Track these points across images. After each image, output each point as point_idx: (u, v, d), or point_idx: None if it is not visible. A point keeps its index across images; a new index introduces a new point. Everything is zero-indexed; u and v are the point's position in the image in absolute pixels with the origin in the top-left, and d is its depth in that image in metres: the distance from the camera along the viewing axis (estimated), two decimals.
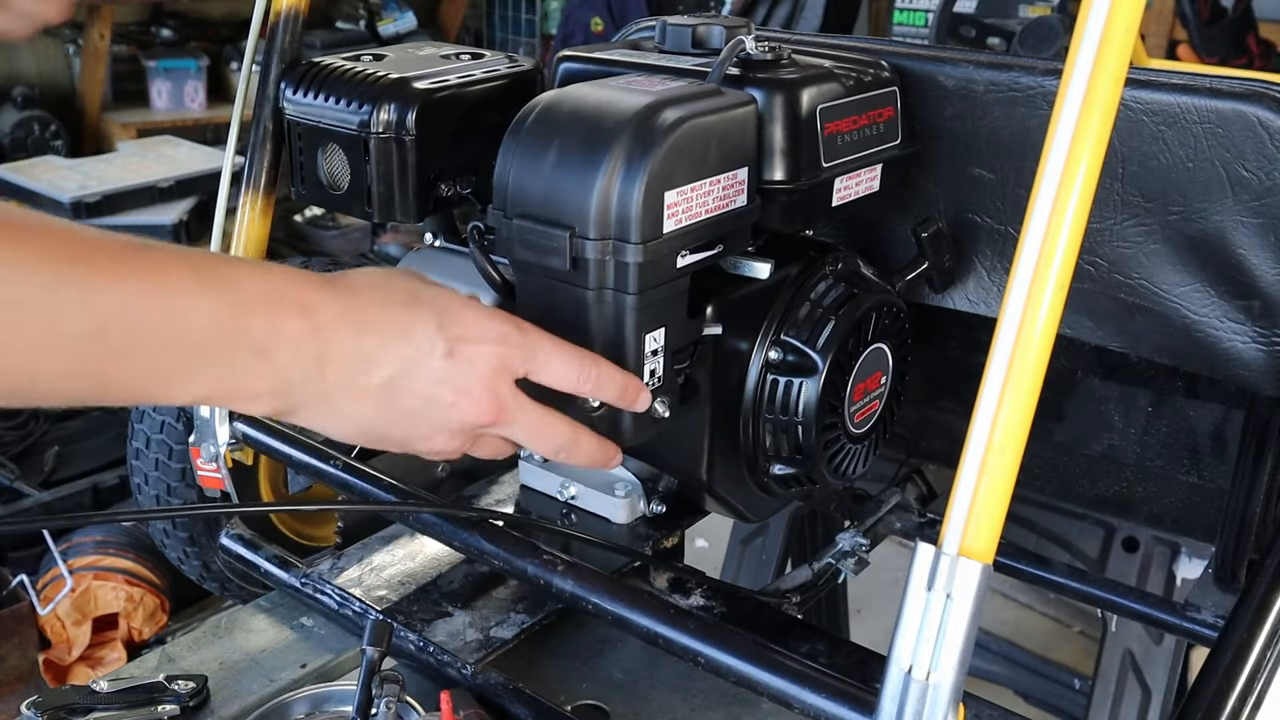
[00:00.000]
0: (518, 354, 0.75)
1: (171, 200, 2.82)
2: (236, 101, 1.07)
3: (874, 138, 0.94)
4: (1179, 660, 1.59)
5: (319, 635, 1.00)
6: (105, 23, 3.78)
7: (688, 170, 0.78)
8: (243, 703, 0.91)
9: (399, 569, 1.05)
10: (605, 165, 0.76)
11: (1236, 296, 0.96)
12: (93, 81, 3.85)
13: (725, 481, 0.95)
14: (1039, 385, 0.60)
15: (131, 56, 4.04)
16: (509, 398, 0.75)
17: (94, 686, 0.86)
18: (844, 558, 1.07)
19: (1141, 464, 1.21)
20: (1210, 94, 0.92)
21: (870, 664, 0.86)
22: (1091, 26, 0.59)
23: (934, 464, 1.26)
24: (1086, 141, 0.59)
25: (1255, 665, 0.77)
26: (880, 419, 0.99)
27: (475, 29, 5.06)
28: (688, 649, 0.81)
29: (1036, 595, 2.62)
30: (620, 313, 0.79)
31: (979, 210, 1.04)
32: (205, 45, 4.13)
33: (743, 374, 0.91)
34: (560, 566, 0.88)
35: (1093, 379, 1.21)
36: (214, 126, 4.01)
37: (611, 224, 0.76)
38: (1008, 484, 0.61)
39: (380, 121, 0.91)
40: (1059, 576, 1.13)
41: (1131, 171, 0.96)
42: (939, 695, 0.63)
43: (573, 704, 0.93)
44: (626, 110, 0.78)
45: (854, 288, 0.93)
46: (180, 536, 1.41)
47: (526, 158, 0.80)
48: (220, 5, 4.27)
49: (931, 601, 0.62)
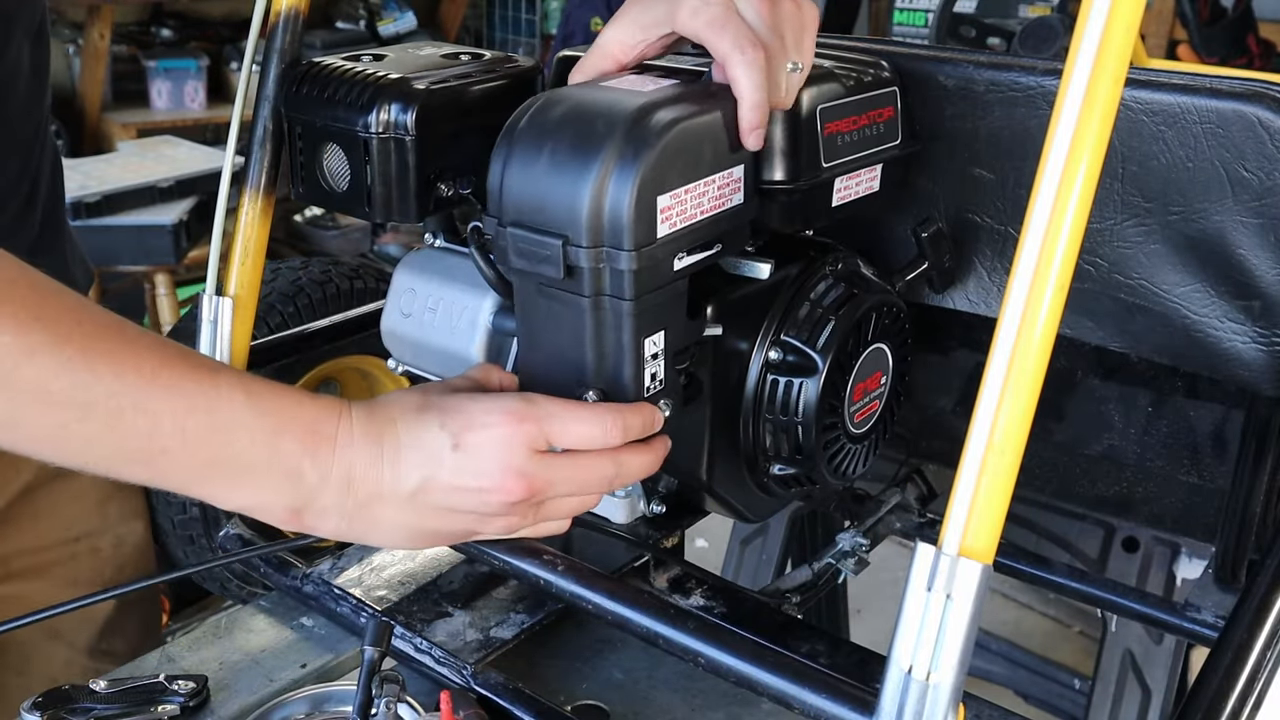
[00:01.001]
0: (531, 427, 0.77)
1: (171, 200, 2.82)
2: (236, 101, 1.07)
3: (874, 138, 0.94)
4: (1179, 660, 1.59)
5: (319, 635, 1.00)
6: (105, 23, 3.79)
7: (681, 172, 0.78)
8: (243, 703, 0.90)
9: (399, 569, 1.05)
10: (596, 171, 0.75)
11: (1236, 296, 0.96)
12: (93, 81, 3.85)
13: (725, 481, 0.95)
14: (1039, 385, 0.60)
15: (131, 56, 4.05)
16: (534, 469, 0.77)
17: (94, 686, 0.85)
18: (844, 558, 1.07)
19: (1141, 464, 1.21)
20: (1210, 94, 0.92)
21: (870, 664, 0.86)
22: (1091, 26, 0.59)
23: (934, 464, 1.26)
24: (1086, 141, 0.59)
25: (1255, 665, 0.77)
26: (880, 419, 0.99)
27: (475, 29, 5.07)
28: (688, 649, 0.81)
29: (1036, 595, 2.62)
30: (618, 319, 0.79)
31: (979, 210, 1.04)
32: (205, 45, 4.13)
33: (743, 374, 0.91)
34: (560, 566, 0.88)
35: (1093, 379, 1.21)
36: (214, 126, 4.01)
37: (604, 231, 0.76)
38: (1008, 484, 0.61)
39: (380, 121, 0.91)
40: (1059, 576, 1.13)
41: (1131, 171, 0.96)
42: (939, 695, 0.63)
43: (573, 704, 0.93)
44: (617, 113, 0.77)
45: (854, 288, 0.93)
46: (180, 536, 1.41)
47: (518, 164, 0.79)
48: (220, 5, 4.27)
49: (931, 602, 0.62)
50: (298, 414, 0.76)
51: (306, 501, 0.77)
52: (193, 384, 0.73)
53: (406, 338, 1.00)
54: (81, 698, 0.84)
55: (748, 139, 0.81)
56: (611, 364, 0.81)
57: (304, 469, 0.75)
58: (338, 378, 1.76)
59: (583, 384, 0.82)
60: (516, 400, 0.79)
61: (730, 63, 0.80)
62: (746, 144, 0.81)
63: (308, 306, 1.79)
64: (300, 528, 0.79)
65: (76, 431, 0.70)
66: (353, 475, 0.76)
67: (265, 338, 1.20)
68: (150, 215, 2.75)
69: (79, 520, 1.20)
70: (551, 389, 0.82)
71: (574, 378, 0.82)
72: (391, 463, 0.77)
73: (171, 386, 0.72)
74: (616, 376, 0.81)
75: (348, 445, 0.76)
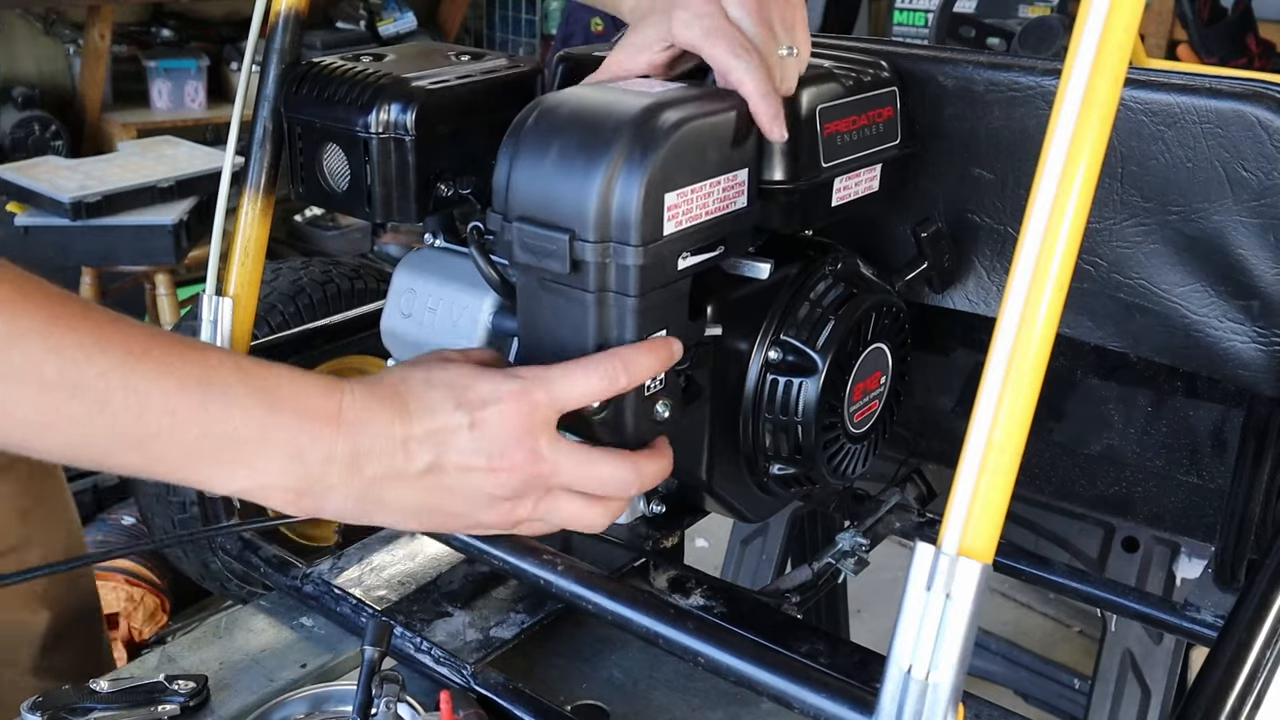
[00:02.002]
0: (538, 398, 0.76)
1: (171, 200, 2.82)
2: (236, 101, 1.07)
3: (874, 138, 0.94)
4: (1179, 660, 1.59)
5: (319, 635, 1.00)
6: (105, 23, 3.78)
7: (688, 172, 0.78)
8: (243, 703, 0.91)
9: (399, 569, 1.05)
10: (604, 167, 0.76)
11: (1236, 296, 0.96)
12: (93, 81, 3.85)
13: (725, 481, 0.96)
14: (1039, 385, 0.60)
15: (131, 56, 4.04)
16: (545, 447, 0.76)
17: (94, 686, 0.86)
18: (844, 558, 1.07)
19: (1141, 464, 1.21)
20: (1210, 94, 0.92)
21: (870, 664, 0.86)
22: (1091, 26, 0.59)
23: (934, 464, 1.26)
24: (1086, 141, 0.59)
25: (1255, 665, 0.77)
26: (880, 419, 0.99)
27: (475, 29, 5.06)
28: (688, 649, 0.81)
29: (1036, 595, 2.62)
30: (621, 315, 0.79)
31: (979, 210, 1.04)
32: (205, 45, 4.13)
33: (742, 374, 0.91)
34: (560, 566, 0.88)
35: (1093, 379, 1.21)
36: (214, 126, 4.01)
37: (611, 226, 0.76)
38: (1008, 484, 0.61)
39: (380, 121, 0.91)
40: (1059, 576, 1.13)
41: (1131, 171, 0.96)
42: (939, 695, 0.63)
43: (573, 704, 0.93)
44: (626, 112, 0.78)
45: (854, 288, 0.93)
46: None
47: (526, 160, 0.79)
48: (220, 5, 4.27)
49: (931, 601, 0.62)
50: (294, 390, 0.73)
51: (310, 482, 0.73)
52: (182, 362, 0.70)
53: (407, 338, 1.00)
54: (82, 698, 0.84)
55: (771, 130, 0.83)
56: None
57: (304, 448, 0.72)
58: None
59: None
60: (522, 374, 0.77)
61: (729, 69, 0.82)
62: (770, 136, 0.83)
63: (309, 306, 1.80)
64: (302, 511, 0.76)
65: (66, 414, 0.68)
66: (359, 454, 0.73)
67: (266, 337, 1.20)
68: (150, 215, 2.75)
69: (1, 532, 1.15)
70: None
71: None
72: (403, 440, 0.74)
73: (160, 364, 0.69)
74: None
75: (353, 423, 0.73)
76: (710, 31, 0.82)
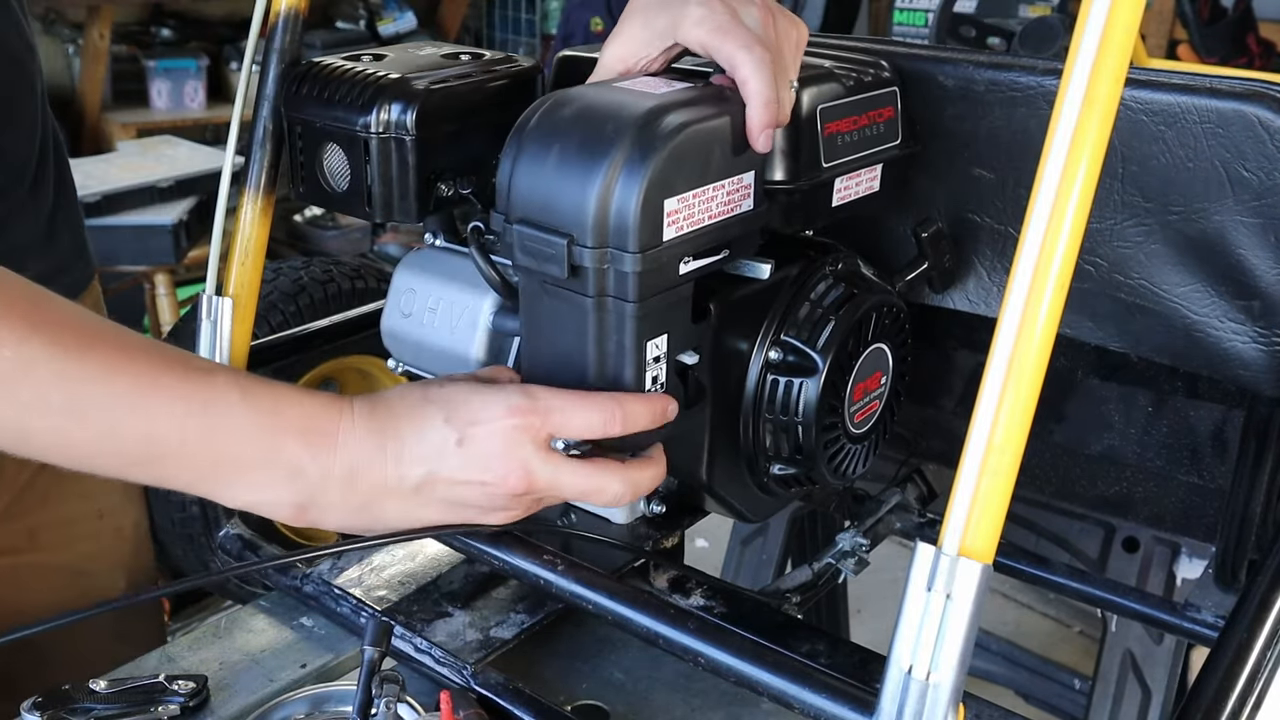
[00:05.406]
0: (532, 420, 0.77)
1: (171, 200, 2.82)
2: (236, 101, 1.07)
3: (874, 138, 0.94)
4: (1179, 660, 1.59)
5: (319, 635, 1.00)
6: (105, 23, 3.79)
7: (689, 176, 0.78)
8: (243, 703, 0.90)
9: (399, 569, 1.05)
10: (603, 172, 0.75)
11: (1236, 296, 0.96)
12: (92, 81, 3.86)
13: (725, 481, 0.95)
14: (1039, 385, 0.60)
15: (131, 56, 4.05)
16: (536, 464, 0.78)
17: (93, 686, 0.85)
18: (844, 558, 1.07)
19: (1141, 464, 1.21)
20: (1210, 94, 0.92)
21: (870, 664, 0.86)
22: (1091, 26, 0.59)
23: (934, 464, 1.26)
24: (1086, 141, 0.59)
25: (1255, 665, 0.77)
26: (880, 419, 0.99)
27: (475, 29, 5.07)
28: (688, 649, 0.81)
29: (1036, 595, 2.63)
30: (620, 320, 0.79)
31: (979, 210, 1.04)
32: (205, 45, 4.13)
33: (743, 374, 0.91)
34: (560, 566, 0.88)
35: (1093, 379, 1.21)
36: (214, 126, 4.01)
37: (609, 232, 0.76)
38: (1008, 484, 0.61)
39: (380, 121, 0.91)
40: (1059, 576, 1.13)
41: (1131, 171, 0.96)
42: (939, 695, 0.63)
43: (573, 704, 0.93)
44: (627, 115, 0.77)
45: (854, 288, 0.93)
46: (180, 535, 1.41)
47: (527, 161, 0.79)
48: (220, 5, 4.27)
49: (931, 602, 0.62)
50: (296, 412, 0.77)
51: (310, 498, 0.78)
52: (188, 387, 0.74)
53: (407, 338, 1.00)
54: (81, 698, 0.84)
55: (757, 140, 0.81)
56: (612, 365, 0.81)
57: (305, 466, 0.76)
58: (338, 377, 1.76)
59: (584, 384, 0.82)
60: (518, 394, 0.79)
61: (738, 63, 0.80)
62: (756, 145, 0.81)
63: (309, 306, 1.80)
64: (306, 523, 0.79)
65: (78, 439, 0.72)
66: (356, 471, 0.77)
67: (265, 337, 1.20)
68: (150, 215, 2.76)
69: (101, 493, 1.20)
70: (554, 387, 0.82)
71: (576, 377, 0.82)
72: (395, 458, 0.78)
73: (167, 390, 0.73)
74: (617, 378, 0.81)
75: (349, 441, 0.77)
76: (722, 28, 0.81)
